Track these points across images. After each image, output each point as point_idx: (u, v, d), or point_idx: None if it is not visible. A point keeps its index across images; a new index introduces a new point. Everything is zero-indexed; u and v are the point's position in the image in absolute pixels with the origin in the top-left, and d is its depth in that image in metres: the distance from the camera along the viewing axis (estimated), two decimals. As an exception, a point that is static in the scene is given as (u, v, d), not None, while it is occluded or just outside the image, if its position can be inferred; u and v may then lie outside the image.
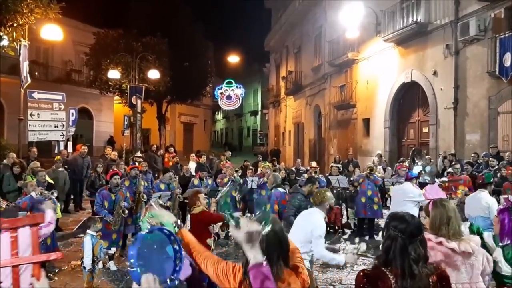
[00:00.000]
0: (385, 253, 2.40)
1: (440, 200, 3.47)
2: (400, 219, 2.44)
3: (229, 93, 35.34)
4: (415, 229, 2.39)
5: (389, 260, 2.36)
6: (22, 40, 11.81)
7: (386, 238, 2.44)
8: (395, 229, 2.40)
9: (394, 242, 2.37)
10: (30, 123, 12.71)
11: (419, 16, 15.24)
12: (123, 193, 8.08)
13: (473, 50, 13.39)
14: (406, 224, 2.39)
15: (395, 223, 2.42)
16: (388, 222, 2.51)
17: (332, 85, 22.78)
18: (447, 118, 14.42)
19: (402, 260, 2.32)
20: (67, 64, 27.61)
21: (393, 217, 2.51)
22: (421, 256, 2.33)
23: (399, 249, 2.34)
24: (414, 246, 2.34)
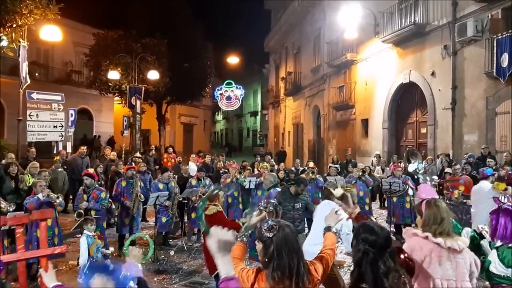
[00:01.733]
0: (358, 267, 2.41)
1: (434, 200, 3.52)
2: (370, 231, 2.43)
3: (228, 93, 35.36)
4: (385, 242, 2.40)
5: (362, 274, 2.37)
6: (21, 40, 11.84)
7: (357, 251, 2.44)
8: (365, 242, 2.40)
9: (365, 255, 2.38)
10: (29, 123, 12.74)
11: (417, 17, 15.29)
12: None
13: (471, 51, 13.43)
14: (376, 236, 2.40)
15: (365, 236, 2.42)
16: (357, 233, 2.50)
17: (331, 86, 22.82)
18: (445, 118, 14.46)
19: (373, 275, 2.33)
20: (67, 65, 27.67)
21: (362, 228, 2.50)
22: (390, 269, 2.35)
23: (370, 263, 2.35)
24: (384, 259, 2.35)
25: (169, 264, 8.13)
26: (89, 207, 7.61)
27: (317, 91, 25.16)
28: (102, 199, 7.80)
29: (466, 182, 9.31)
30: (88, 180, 7.84)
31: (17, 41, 11.59)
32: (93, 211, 7.65)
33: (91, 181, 7.86)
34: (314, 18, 25.03)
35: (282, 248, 2.51)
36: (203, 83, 28.52)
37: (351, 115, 20.86)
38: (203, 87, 29.05)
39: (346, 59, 20.15)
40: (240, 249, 3.11)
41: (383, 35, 16.97)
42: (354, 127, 20.57)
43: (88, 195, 7.76)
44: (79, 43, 27.07)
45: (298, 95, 28.77)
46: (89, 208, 7.61)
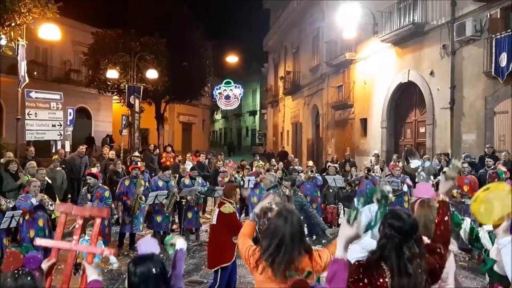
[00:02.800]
0: (380, 250, 2.43)
1: (428, 200, 3.50)
2: (397, 217, 2.46)
3: (227, 93, 35.43)
4: (410, 228, 2.42)
5: (384, 257, 2.40)
6: (20, 39, 11.85)
7: (382, 236, 2.46)
8: (391, 228, 2.42)
9: (390, 241, 2.40)
10: (27, 122, 12.75)
11: (416, 17, 15.30)
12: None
13: (470, 50, 13.44)
14: (402, 222, 2.42)
15: (391, 221, 2.45)
16: (384, 219, 2.53)
17: (330, 85, 22.82)
18: (443, 118, 14.48)
19: (397, 259, 2.35)
20: (66, 64, 27.64)
21: (390, 215, 2.54)
22: (415, 255, 2.37)
23: (394, 248, 2.38)
24: (409, 245, 2.37)
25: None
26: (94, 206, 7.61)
27: (316, 91, 25.17)
28: (106, 198, 7.84)
29: (471, 182, 9.31)
30: (91, 180, 7.86)
31: (15, 40, 11.60)
32: None
33: (94, 180, 7.88)
34: (313, 17, 25.03)
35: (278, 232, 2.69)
36: (202, 82, 28.50)
37: (349, 115, 20.87)
38: (202, 86, 29.03)
39: (345, 59, 20.16)
40: (249, 227, 3.29)
41: (382, 34, 16.97)
42: (353, 127, 20.59)
43: (92, 195, 7.78)
44: (78, 42, 27.04)
45: (297, 95, 28.79)
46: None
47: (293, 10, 28.10)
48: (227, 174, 10.74)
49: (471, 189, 9.36)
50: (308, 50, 26.65)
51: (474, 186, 9.38)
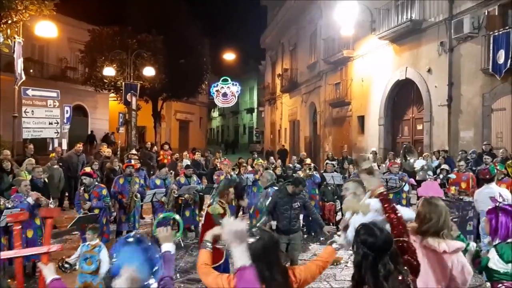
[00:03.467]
0: (358, 270, 2.35)
1: (430, 198, 3.48)
2: (368, 233, 2.36)
3: (225, 90, 35.33)
4: (383, 245, 2.32)
5: (363, 277, 2.32)
6: (17, 37, 11.78)
7: (356, 254, 2.38)
8: (363, 245, 2.34)
9: (364, 259, 2.32)
10: (24, 120, 12.67)
11: (414, 14, 15.30)
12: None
13: (467, 48, 13.45)
14: (374, 238, 2.33)
15: (364, 237, 2.36)
16: (357, 235, 2.43)
17: (327, 83, 22.82)
18: (441, 115, 14.49)
19: (373, 278, 2.27)
20: (62, 61, 27.49)
21: (362, 229, 2.42)
22: (391, 271, 2.28)
23: (370, 267, 2.29)
24: (383, 262, 2.28)
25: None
26: (92, 206, 7.58)
27: (313, 88, 25.16)
28: (104, 196, 7.80)
29: (469, 178, 9.31)
30: (87, 180, 7.77)
31: (12, 37, 11.51)
32: (96, 209, 7.63)
33: (89, 180, 7.79)
34: (311, 14, 25.00)
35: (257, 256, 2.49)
36: (199, 80, 28.43)
37: (347, 112, 20.87)
38: (199, 83, 28.97)
39: (342, 56, 20.15)
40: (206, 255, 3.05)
41: (380, 31, 16.97)
42: (350, 124, 20.60)
43: (89, 194, 7.72)
44: (74, 39, 26.88)
45: (295, 92, 28.77)
46: (93, 207, 7.57)
47: (290, 7, 28.05)
48: (223, 172, 10.70)
49: (469, 186, 9.39)
50: (305, 47, 26.63)
51: (471, 183, 9.40)
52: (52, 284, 2.67)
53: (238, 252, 2.06)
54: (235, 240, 2.07)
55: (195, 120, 41.84)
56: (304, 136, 27.25)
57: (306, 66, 26.28)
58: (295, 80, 28.37)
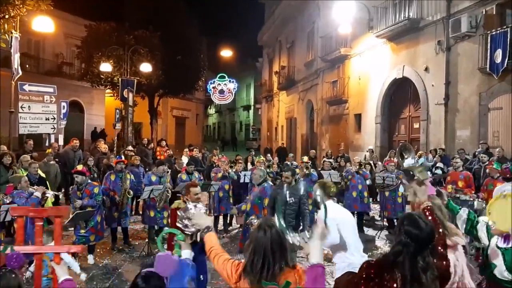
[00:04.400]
0: (394, 257, 2.35)
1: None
2: (414, 225, 2.36)
3: (221, 87, 35.29)
4: (427, 237, 2.34)
5: (397, 263, 2.31)
6: (14, 32, 11.73)
7: (398, 242, 2.37)
8: (407, 235, 2.33)
9: (405, 248, 2.32)
10: (21, 115, 12.63)
11: (411, 12, 15.30)
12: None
13: (465, 47, 13.48)
14: (419, 230, 2.33)
15: (408, 228, 2.36)
16: (401, 224, 2.43)
17: (325, 81, 22.82)
18: (438, 114, 14.53)
19: (411, 267, 2.28)
20: (58, 56, 27.39)
21: (407, 220, 2.42)
22: (429, 265, 2.30)
23: (409, 256, 2.30)
24: (423, 255, 2.31)
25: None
26: (83, 204, 7.50)
27: (310, 86, 25.16)
28: (96, 194, 7.67)
29: (466, 177, 9.36)
30: (79, 178, 7.66)
31: (9, 32, 11.46)
32: (88, 207, 7.57)
33: (81, 178, 7.68)
34: (308, 12, 24.97)
35: (260, 247, 2.58)
36: (196, 76, 28.38)
37: (344, 110, 20.90)
38: (196, 80, 28.91)
39: (339, 54, 20.15)
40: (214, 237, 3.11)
41: (377, 30, 16.98)
42: (347, 122, 20.62)
43: (82, 192, 7.63)
44: (71, 35, 26.77)
45: (292, 90, 28.76)
46: (85, 205, 7.51)
47: (288, 4, 27.99)
48: (220, 169, 10.69)
49: (466, 184, 9.43)
50: (303, 45, 26.61)
51: (469, 182, 9.44)
52: (63, 284, 2.69)
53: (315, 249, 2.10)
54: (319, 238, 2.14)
55: (192, 116, 41.79)
56: (301, 134, 27.27)
57: (303, 63, 26.27)
58: (292, 77, 28.35)
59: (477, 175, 10.40)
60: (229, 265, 2.76)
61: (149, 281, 2.33)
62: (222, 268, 2.78)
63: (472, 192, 9.14)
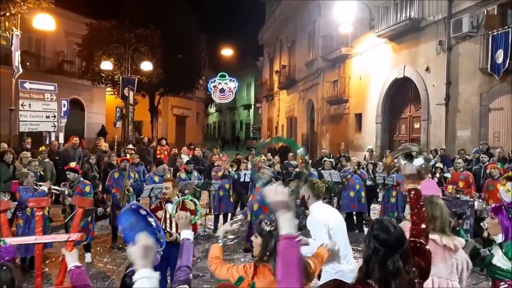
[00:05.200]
0: (366, 264, 2.34)
1: (431, 197, 3.57)
2: (383, 229, 2.35)
3: (222, 86, 35.30)
4: (396, 242, 2.30)
5: (370, 271, 2.31)
6: (14, 29, 11.72)
7: (367, 248, 2.36)
8: (376, 240, 2.32)
9: (374, 253, 2.31)
10: (21, 113, 12.62)
11: (413, 12, 15.28)
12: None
13: (466, 47, 13.47)
14: (388, 235, 2.31)
15: (377, 233, 2.34)
16: (370, 230, 2.42)
17: (325, 80, 22.81)
18: (438, 114, 14.52)
19: (380, 273, 2.26)
20: (59, 54, 27.37)
21: (377, 225, 2.41)
22: (400, 270, 2.26)
23: (378, 262, 2.28)
24: (393, 259, 2.26)
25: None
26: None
27: (311, 85, 25.15)
28: (87, 193, 7.60)
29: (466, 178, 9.35)
30: (71, 175, 7.64)
31: (10, 30, 11.46)
32: None
33: (74, 175, 7.66)
34: (309, 11, 24.95)
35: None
36: (196, 75, 28.37)
37: (344, 110, 20.88)
38: (197, 79, 28.91)
39: (340, 53, 20.13)
40: (218, 250, 3.18)
41: (378, 29, 16.96)
42: (348, 122, 20.61)
43: (73, 190, 7.59)
44: (71, 33, 26.77)
45: (292, 89, 28.74)
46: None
47: (289, 3, 27.98)
48: (221, 168, 10.67)
49: (466, 185, 9.43)
50: (303, 44, 26.59)
51: (469, 182, 9.43)
52: (73, 270, 2.72)
53: (284, 220, 2.00)
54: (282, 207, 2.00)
55: (192, 115, 41.77)
56: (301, 133, 27.26)
57: (304, 63, 26.25)
58: (292, 77, 28.34)
59: (477, 176, 10.38)
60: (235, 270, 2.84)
61: None
62: (229, 274, 2.85)
63: (472, 192, 9.15)
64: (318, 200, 4.41)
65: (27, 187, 7.05)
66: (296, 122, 28.34)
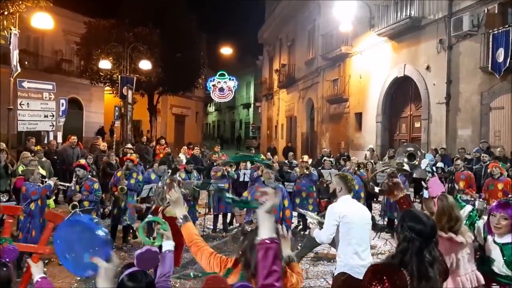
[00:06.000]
0: (401, 255, 2.34)
1: (443, 194, 3.71)
2: (416, 220, 2.38)
3: (221, 85, 35.21)
4: (431, 231, 2.35)
5: (405, 262, 2.31)
6: (13, 28, 11.66)
7: (402, 239, 2.37)
8: (411, 231, 2.34)
9: (411, 244, 2.32)
10: (19, 112, 12.55)
11: (413, 11, 15.22)
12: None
13: (466, 45, 13.41)
14: (423, 225, 2.34)
15: (411, 224, 2.36)
16: (402, 221, 2.43)
17: (325, 79, 22.75)
18: (439, 113, 14.46)
19: (418, 263, 2.28)
20: (57, 53, 27.28)
21: (409, 216, 2.43)
22: (435, 258, 2.31)
23: (416, 252, 2.30)
24: (429, 249, 2.31)
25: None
26: (83, 198, 7.53)
27: (311, 84, 25.08)
28: (96, 190, 7.73)
29: (467, 177, 9.30)
30: (81, 172, 7.74)
31: (8, 28, 11.40)
32: (86, 202, 7.58)
33: (83, 172, 7.76)
34: (309, 9, 24.88)
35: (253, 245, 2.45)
36: (195, 74, 28.30)
37: (344, 109, 20.83)
38: (196, 78, 28.84)
39: (340, 52, 20.06)
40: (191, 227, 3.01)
41: (378, 28, 16.89)
42: (348, 121, 20.55)
43: (81, 186, 7.65)
44: (70, 32, 26.68)
45: (292, 88, 28.67)
46: (83, 200, 7.54)
47: (288, 2, 27.87)
48: (220, 168, 10.62)
49: (467, 184, 9.38)
50: (303, 43, 26.52)
51: (470, 182, 9.39)
52: (39, 283, 2.67)
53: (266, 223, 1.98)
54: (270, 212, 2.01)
55: (191, 114, 41.72)
56: (301, 133, 27.19)
57: (304, 61, 26.18)
58: (292, 75, 28.26)
59: (478, 175, 10.33)
60: (216, 260, 2.71)
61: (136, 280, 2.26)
62: (207, 263, 2.73)
63: (473, 192, 9.10)
64: (349, 194, 4.53)
65: (33, 183, 7.03)
66: (296, 121, 28.27)
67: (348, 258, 4.20)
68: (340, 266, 4.27)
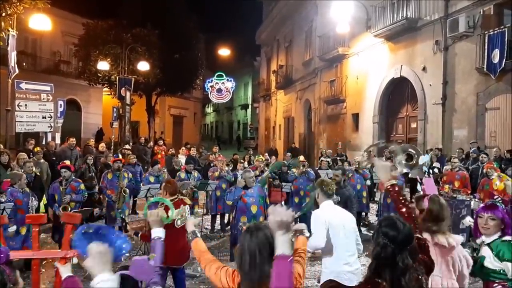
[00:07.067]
0: (375, 260, 2.34)
1: (437, 197, 3.72)
2: (391, 226, 2.34)
3: (219, 86, 35.28)
4: (406, 238, 2.30)
5: (379, 269, 2.30)
6: (11, 29, 11.68)
7: (376, 244, 2.35)
8: (385, 236, 2.31)
9: (384, 250, 2.30)
10: (17, 114, 12.57)
11: (409, 12, 15.31)
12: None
13: (462, 46, 13.50)
14: (397, 232, 2.30)
15: (386, 230, 2.33)
16: (378, 226, 2.41)
17: (323, 80, 22.82)
18: (435, 113, 14.55)
19: (390, 271, 2.26)
20: (55, 54, 27.26)
21: (385, 222, 2.41)
22: (408, 267, 2.26)
23: (388, 259, 2.28)
24: (402, 256, 2.26)
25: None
26: (72, 199, 7.61)
27: (308, 85, 25.15)
28: (83, 190, 7.82)
29: (462, 177, 9.36)
30: (67, 173, 7.80)
31: (6, 30, 11.43)
32: (72, 203, 7.64)
33: (69, 173, 7.84)
34: (307, 10, 24.94)
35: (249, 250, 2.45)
36: (193, 75, 28.33)
37: (342, 109, 20.90)
38: (194, 79, 28.88)
39: (337, 53, 20.14)
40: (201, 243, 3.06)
41: (375, 29, 16.97)
42: (345, 121, 20.62)
43: (65, 188, 7.70)
44: (68, 33, 26.67)
45: (289, 89, 28.73)
46: (72, 200, 7.62)
47: (286, 3, 27.93)
48: (217, 168, 10.66)
49: (462, 184, 9.44)
50: (301, 44, 26.59)
51: (465, 182, 9.45)
52: (65, 282, 2.76)
53: (281, 241, 2.04)
54: (280, 228, 2.05)
55: (189, 115, 41.71)
56: (299, 133, 27.25)
57: (301, 63, 26.25)
58: (290, 76, 28.32)
59: (474, 175, 10.40)
60: (223, 273, 2.68)
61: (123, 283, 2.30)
62: (215, 277, 2.73)
63: (468, 192, 9.16)
64: (328, 199, 4.43)
65: (17, 190, 6.93)
66: (294, 122, 28.33)
67: (334, 265, 4.14)
68: (326, 273, 4.20)
